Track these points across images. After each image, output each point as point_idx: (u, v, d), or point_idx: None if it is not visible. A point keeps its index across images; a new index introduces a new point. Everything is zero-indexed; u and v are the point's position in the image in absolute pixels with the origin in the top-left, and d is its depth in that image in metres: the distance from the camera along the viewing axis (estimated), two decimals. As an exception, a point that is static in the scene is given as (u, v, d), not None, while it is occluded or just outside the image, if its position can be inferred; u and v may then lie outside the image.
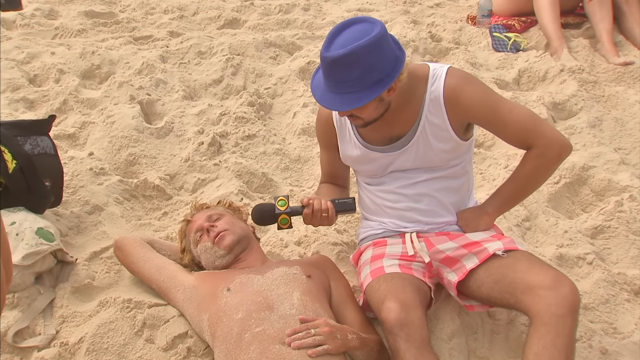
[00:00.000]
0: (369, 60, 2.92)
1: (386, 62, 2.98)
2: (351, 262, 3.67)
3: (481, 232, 3.41)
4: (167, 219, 4.21)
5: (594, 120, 5.10)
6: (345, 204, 3.39)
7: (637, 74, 5.62)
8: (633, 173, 4.62)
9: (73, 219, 4.03)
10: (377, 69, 2.95)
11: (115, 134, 4.70)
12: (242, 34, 6.29)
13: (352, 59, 2.90)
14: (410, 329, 2.98)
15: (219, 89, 5.42)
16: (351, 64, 2.92)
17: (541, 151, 3.27)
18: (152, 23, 6.88)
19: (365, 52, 2.89)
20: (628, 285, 3.80)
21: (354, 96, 2.99)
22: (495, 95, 3.36)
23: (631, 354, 3.42)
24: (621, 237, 4.13)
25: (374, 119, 3.19)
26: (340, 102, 3.05)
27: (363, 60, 2.91)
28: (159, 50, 5.74)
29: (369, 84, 2.97)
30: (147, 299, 3.48)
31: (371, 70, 2.94)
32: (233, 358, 2.93)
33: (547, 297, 2.92)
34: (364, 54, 2.90)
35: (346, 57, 2.90)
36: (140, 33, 6.52)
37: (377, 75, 2.96)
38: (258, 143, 4.91)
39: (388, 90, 3.04)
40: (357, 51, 2.88)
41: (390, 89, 3.05)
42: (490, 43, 6.28)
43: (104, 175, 4.37)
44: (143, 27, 6.74)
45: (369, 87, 2.97)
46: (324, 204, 3.32)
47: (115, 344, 3.27)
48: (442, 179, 3.43)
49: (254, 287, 3.19)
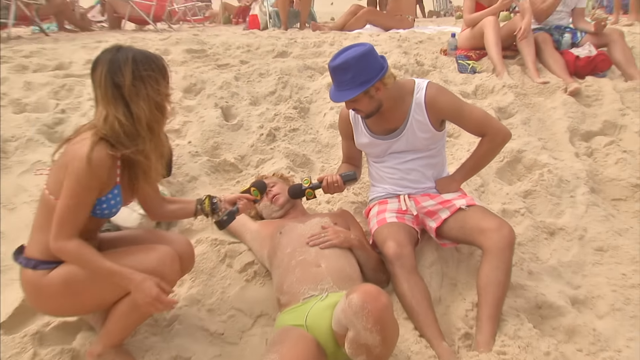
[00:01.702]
0: (357, 67, 3.05)
1: (371, 69, 3.09)
2: (363, 215, 3.66)
3: (452, 193, 3.40)
4: (239, 185, 4.18)
5: (524, 119, 5.08)
6: (348, 175, 3.42)
7: (552, 89, 5.58)
8: (550, 155, 4.62)
9: (178, 185, 4.03)
10: (363, 73, 3.07)
11: (205, 129, 4.68)
12: (289, 61, 6.27)
13: (345, 66, 3.05)
14: (403, 259, 3.05)
15: (274, 98, 5.40)
16: (345, 70, 3.07)
17: (491, 138, 3.33)
18: (229, 55, 6.85)
19: (354, 62, 3.04)
20: (546, 229, 3.89)
21: (348, 92, 3.10)
22: (461, 101, 3.40)
23: (547, 274, 3.51)
24: (542, 197, 4.19)
25: (371, 111, 3.25)
26: (340, 96, 3.14)
27: (353, 67, 3.05)
28: (234, 73, 5.72)
29: (358, 83, 3.07)
30: (227, 238, 3.52)
31: (359, 74, 3.06)
32: (284, 277, 2.97)
33: (494, 236, 2.98)
34: (354, 63, 3.04)
35: (341, 65, 3.07)
36: (221, 62, 6.51)
37: (364, 78, 3.07)
38: (300, 134, 4.88)
39: (376, 90, 3.13)
40: (348, 61, 3.05)
41: (377, 89, 3.13)
42: (456, 67, 6.25)
43: (198, 156, 4.36)
44: (223, 58, 6.72)
45: (358, 85, 3.08)
46: (335, 177, 3.38)
47: (207, 267, 3.33)
48: (425, 158, 3.43)
49: (298, 231, 3.21)
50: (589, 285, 3.46)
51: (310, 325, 2.65)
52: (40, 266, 2.44)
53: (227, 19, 14.02)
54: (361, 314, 2.24)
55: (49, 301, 2.49)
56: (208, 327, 3.02)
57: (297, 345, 2.52)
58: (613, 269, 3.57)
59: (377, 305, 2.25)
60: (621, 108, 5.23)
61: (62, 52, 6.88)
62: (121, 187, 2.53)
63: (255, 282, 3.32)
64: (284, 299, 2.91)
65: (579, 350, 2.92)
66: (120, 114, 2.38)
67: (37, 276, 2.44)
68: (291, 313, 2.78)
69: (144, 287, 2.37)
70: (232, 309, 3.16)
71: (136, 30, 10.93)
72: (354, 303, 2.27)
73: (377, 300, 2.27)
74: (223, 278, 3.31)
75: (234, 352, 2.95)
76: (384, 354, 2.37)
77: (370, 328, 2.24)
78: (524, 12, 5.95)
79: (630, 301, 3.30)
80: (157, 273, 2.45)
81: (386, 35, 7.96)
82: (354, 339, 2.31)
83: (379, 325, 2.24)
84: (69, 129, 4.57)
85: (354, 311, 2.26)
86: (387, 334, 2.28)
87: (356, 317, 2.26)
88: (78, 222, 2.38)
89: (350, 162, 3.74)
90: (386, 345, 2.33)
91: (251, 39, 7.87)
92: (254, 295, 3.26)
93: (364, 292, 2.30)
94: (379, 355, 2.33)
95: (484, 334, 2.86)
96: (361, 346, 2.30)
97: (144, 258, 2.48)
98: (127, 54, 2.41)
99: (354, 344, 2.32)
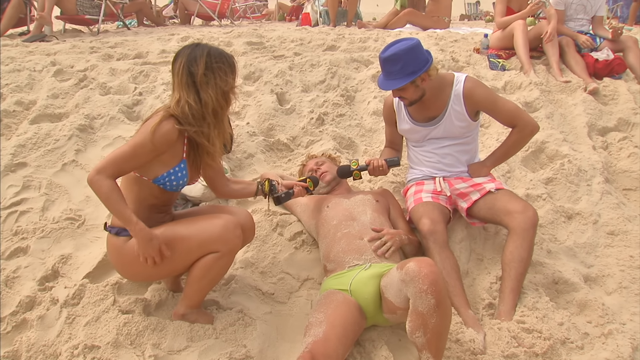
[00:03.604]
0: (406, 59, 3.02)
1: (418, 61, 3.06)
2: (402, 194, 3.61)
3: (482, 177, 3.34)
4: (290, 163, 4.16)
5: (548, 114, 4.95)
6: (393, 161, 3.37)
7: (573, 88, 5.46)
8: (570, 147, 4.53)
9: (237, 162, 4.03)
10: (411, 65, 3.04)
11: (261, 112, 4.65)
12: (337, 54, 6.19)
13: (396, 57, 3.03)
14: (436, 235, 3.01)
15: (323, 86, 5.35)
16: (395, 61, 3.04)
17: (521, 129, 3.26)
18: (284, 48, 6.81)
19: (403, 54, 3.02)
20: (565, 213, 3.84)
21: (397, 81, 3.07)
22: (495, 94, 3.31)
23: (564, 253, 3.49)
24: (562, 184, 4.12)
25: (415, 99, 3.20)
26: (389, 84, 3.10)
27: (402, 58, 3.02)
28: (288, 63, 5.68)
29: (406, 74, 3.05)
30: (279, 210, 3.51)
31: (408, 65, 3.04)
32: (330, 247, 2.95)
33: (519, 218, 2.95)
34: (403, 55, 3.02)
35: (392, 56, 3.04)
36: (278, 53, 6.46)
37: (412, 69, 3.04)
38: (346, 119, 4.82)
39: (421, 80, 3.09)
40: (398, 53, 3.02)
41: (423, 79, 3.10)
42: (488, 65, 6.14)
43: (255, 136, 4.34)
44: (279, 50, 6.68)
45: (406, 75, 3.05)
46: (380, 162, 3.33)
47: (260, 235, 3.33)
48: (460, 145, 3.38)
49: (343, 205, 3.18)
50: (600, 265, 3.46)
51: (354, 290, 2.63)
52: (122, 233, 2.49)
53: (282, 16, 14.06)
54: (418, 277, 2.22)
55: (128, 265, 2.53)
56: (260, 287, 3.04)
57: (341, 307, 2.52)
58: (622, 251, 3.55)
59: (432, 269, 2.24)
60: (634, 107, 5.15)
61: (141, 43, 6.96)
62: (187, 164, 2.57)
63: (303, 249, 3.31)
64: (330, 266, 2.89)
65: (588, 322, 2.92)
66: (191, 99, 2.44)
67: (120, 242, 2.50)
68: (337, 279, 2.77)
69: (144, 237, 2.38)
70: (282, 273, 3.16)
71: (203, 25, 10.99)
72: (411, 269, 2.25)
73: (431, 265, 2.26)
74: (274, 245, 3.31)
75: (283, 310, 2.97)
76: (438, 329, 2.27)
77: (425, 290, 2.20)
78: (550, 17, 5.88)
79: (636, 280, 3.30)
80: (221, 238, 2.47)
81: (424, 34, 7.84)
82: (413, 307, 2.27)
83: (434, 287, 2.20)
84: (145, 109, 4.64)
85: (412, 276, 2.24)
86: (440, 298, 2.21)
87: (413, 281, 2.23)
88: (122, 169, 2.41)
89: (392, 146, 3.69)
90: (440, 316, 2.24)
91: (303, 34, 7.82)
92: (301, 261, 3.25)
93: (420, 260, 2.29)
94: (434, 330, 2.26)
95: (505, 305, 2.84)
96: (418, 316, 2.25)
97: (210, 224, 2.50)
98: (204, 49, 2.49)
99: (412, 314, 2.28)
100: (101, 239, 3.16)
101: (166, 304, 2.82)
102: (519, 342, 2.64)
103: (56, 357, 2.47)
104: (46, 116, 4.33)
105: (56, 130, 4.04)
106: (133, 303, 2.70)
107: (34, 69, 5.19)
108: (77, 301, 2.73)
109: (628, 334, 2.78)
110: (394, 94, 3.22)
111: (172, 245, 2.45)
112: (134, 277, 2.72)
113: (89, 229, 3.32)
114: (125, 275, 2.69)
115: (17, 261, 3.03)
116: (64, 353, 2.44)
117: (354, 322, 2.50)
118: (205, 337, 2.57)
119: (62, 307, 2.70)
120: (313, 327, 2.41)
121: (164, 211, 2.67)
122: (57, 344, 2.52)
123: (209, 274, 2.53)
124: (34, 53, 6.16)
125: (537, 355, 2.58)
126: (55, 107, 4.47)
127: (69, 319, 2.63)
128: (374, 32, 8.37)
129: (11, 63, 5.37)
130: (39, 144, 3.91)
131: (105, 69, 5.43)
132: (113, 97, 4.71)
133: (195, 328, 2.59)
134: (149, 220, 2.49)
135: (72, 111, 4.44)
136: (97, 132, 4.21)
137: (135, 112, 4.64)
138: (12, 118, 4.30)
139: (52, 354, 2.49)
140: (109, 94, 4.85)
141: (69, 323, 2.61)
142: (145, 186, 2.52)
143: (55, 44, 6.93)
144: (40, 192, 3.52)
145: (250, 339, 2.57)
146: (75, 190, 3.61)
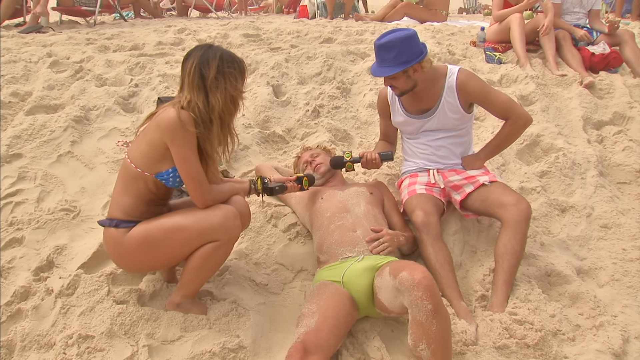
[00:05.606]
0: (400, 47, 3.02)
1: (412, 51, 3.06)
2: (396, 186, 3.61)
3: (476, 170, 3.34)
4: (285, 155, 4.16)
5: (544, 107, 4.95)
6: (386, 155, 3.38)
7: (569, 81, 5.47)
8: (565, 140, 4.53)
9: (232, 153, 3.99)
10: (405, 54, 3.03)
11: (257, 104, 4.66)
12: (333, 46, 6.18)
13: (390, 45, 3.03)
14: (429, 227, 3.01)
15: (319, 79, 5.35)
16: (389, 48, 3.04)
17: (514, 121, 3.26)
18: (281, 40, 6.80)
19: (399, 42, 3.02)
20: (559, 206, 3.85)
21: (389, 68, 3.07)
22: (488, 86, 3.30)
23: (557, 246, 3.50)
24: (556, 177, 4.12)
25: (406, 90, 3.20)
26: (381, 71, 3.10)
27: (397, 46, 3.02)
28: (284, 55, 5.67)
29: (399, 63, 3.04)
30: (274, 201, 3.51)
31: (402, 54, 3.03)
32: (323, 239, 2.96)
33: (513, 210, 2.96)
34: (398, 43, 3.02)
35: (387, 44, 3.04)
36: (274, 45, 6.46)
37: (405, 58, 3.04)
38: (341, 111, 4.82)
39: (414, 71, 3.09)
40: (393, 40, 3.02)
41: (415, 70, 3.10)
42: (484, 58, 6.14)
43: (250, 128, 4.34)
44: (275, 42, 6.68)
45: (399, 64, 3.04)
46: (374, 155, 3.33)
47: (255, 226, 3.34)
48: (454, 137, 3.37)
49: (337, 197, 3.18)
50: (593, 258, 3.47)
51: (346, 282, 2.65)
52: (121, 225, 2.51)
53: (280, 9, 14.01)
54: (412, 285, 2.21)
55: (128, 256, 2.55)
56: (254, 278, 3.04)
57: (334, 298, 2.52)
58: (615, 244, 3.57)
59: (424, 275, 2.24)
60: (629, 101, 5.15)
61: (137, 35, 6.95)
62: None
63: (297, 241, 3.32)
64: (323, 257, 2.90)
65: (580, 314, 2.94)
66: (200, 102, 2.46)
67: (119, 234, 2.50)
68: (330, 270, 2.77)
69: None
70: (276, 264, 3.17)
71: (200, 17, 10.98)
72: (405, 278, 2.25)
73: (423, 272, 2.26)
74: (269, 236, 3.31)
75: (277, 301, 2.97)
76: (441, 337, 2.25)
77: (421, 296, 2.19)
78: (547, 11, 5.87)
79: (628, 273, 3.32)
80: (222, 227, 2.49)
81: (422, 27, 7.84)
82: (412, 317, 2.26)
83: (428, 292, 2.19)
84: (141, 101, 4.64)
85: (406, 286, 2.23)
86: (436, 302, 2.20)
87: (408, 290, 2.23)
88: (200, 171, 2.50)
89: (386, 139, 3.69)
90: (439, 322, 2.22)
91: (300, 26, 7.81)
92: (295, 252, 3.26)
93: (412, 268, 2.29)
94: (437, 338, 2.23)
95: (498, 297, 2.85)
96: (419, 327, 2.24)
97: (210, 213, 2.51)
98: (216, 52, 2.51)
99: (412, 326, 2.27)
100: (96, 230, 3.16)
101: (160, 294, 2.82)
102: (511, 333, 2.65)
103: (50, 346, 2.48)
104: (42, 107, 4.32)
105: (52, 122, 4.03)
106: (127, 293, 2.71)
107: (29, 60, 5.19)
108: (71, 291, 2.73)
109: (619, 326, 2.80)
110: (385, 82, 3.22)
111: (171, 234, 2.46)
112: (133, 268, 2.73)
113: (84, 220, 3.33)
114: (124, 267, 2.70)
115: (12, 252, 3.03)
116: (58, 343, 2.44)
117: (346, 313, 2.51)
118: (199, 327, 2.58)
119: (57, 297, 2.70)
120: (305, 318, 2.41)
121: (162, 204, 2.68)
122: (51, 333, 2.52)
123: (207, 263, 2.55)
124: (30, 44, 6.16)
125: (529, 346, 2.59)
126: (51, 99, 4.46)
127: (64, 309, 2.63)
128: (371, 24, 8.37)
129: (7, 54, 5.37)
130: (35, 135, 3.91)
131: (101, 61, 5.42)
132: (109, 88, 4.70)
133: (189, 318, 2.60)
134: (148, 213, 2.52)
135: (68, 102, 4.44)
136: (92, 124, 4.21)
137: (131, 104, 4.64)
138: (7, 109, 4.29)
139: (47, 343, 2.49)
140: (105, 86, 4.84)
141: (63, 313, 2.62)
142: (146, 181, 2.52)
143: (51, 35, 6.93)
144: (35, 183, 3.52)
145: (244, 329, 2.58)
146: (71, 181, 3.61)
